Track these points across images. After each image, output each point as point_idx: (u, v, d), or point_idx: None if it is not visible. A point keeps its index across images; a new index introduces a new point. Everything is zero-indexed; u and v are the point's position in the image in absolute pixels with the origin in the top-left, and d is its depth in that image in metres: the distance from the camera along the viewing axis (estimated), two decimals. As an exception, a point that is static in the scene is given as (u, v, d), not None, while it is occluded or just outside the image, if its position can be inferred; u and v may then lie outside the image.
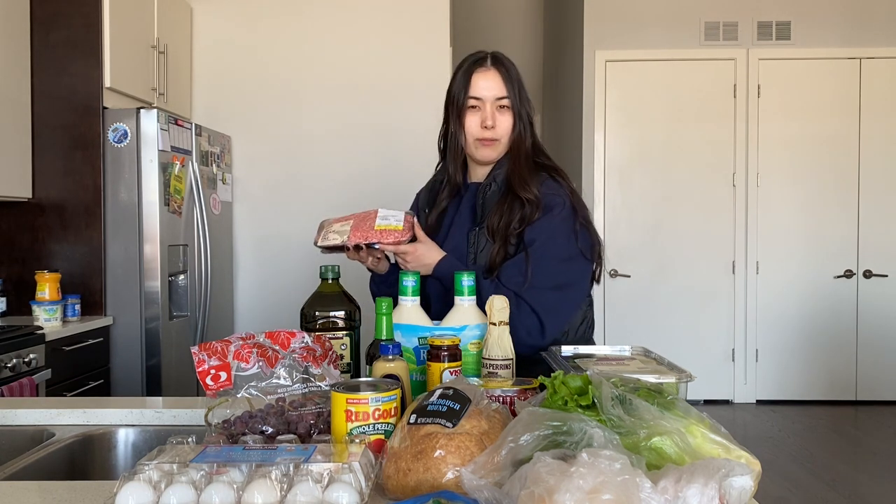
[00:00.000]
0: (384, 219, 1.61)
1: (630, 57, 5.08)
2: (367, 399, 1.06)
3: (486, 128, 1.64)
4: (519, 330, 1.49)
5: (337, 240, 1.59)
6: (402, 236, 1.58)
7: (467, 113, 1.66)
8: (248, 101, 4.21)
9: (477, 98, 1.65)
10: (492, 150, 1.67)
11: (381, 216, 1.62)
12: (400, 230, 1.59)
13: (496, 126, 1.64)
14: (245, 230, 4.24)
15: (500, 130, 1.65)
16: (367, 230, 1.59)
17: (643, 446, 0.88)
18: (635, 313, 5.02)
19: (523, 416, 0.93)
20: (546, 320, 1.53)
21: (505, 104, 1.65)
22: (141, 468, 0.89)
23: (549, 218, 1.59)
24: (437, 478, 0.93)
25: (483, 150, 1.68)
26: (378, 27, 4.20)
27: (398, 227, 1.59)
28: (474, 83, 1.65)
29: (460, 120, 1.67)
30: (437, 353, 1.31)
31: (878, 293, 5.07)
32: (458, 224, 1.70)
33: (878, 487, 3.64)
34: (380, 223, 1.60)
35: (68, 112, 3.25)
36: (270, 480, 0.86)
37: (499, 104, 1.65)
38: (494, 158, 1.69)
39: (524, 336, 1.50)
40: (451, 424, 0.97)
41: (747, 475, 0.79)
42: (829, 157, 5.08)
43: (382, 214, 1.63)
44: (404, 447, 0.97)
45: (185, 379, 3.43)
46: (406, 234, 1.59)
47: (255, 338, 1.24)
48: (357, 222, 1.62)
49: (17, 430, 1.47)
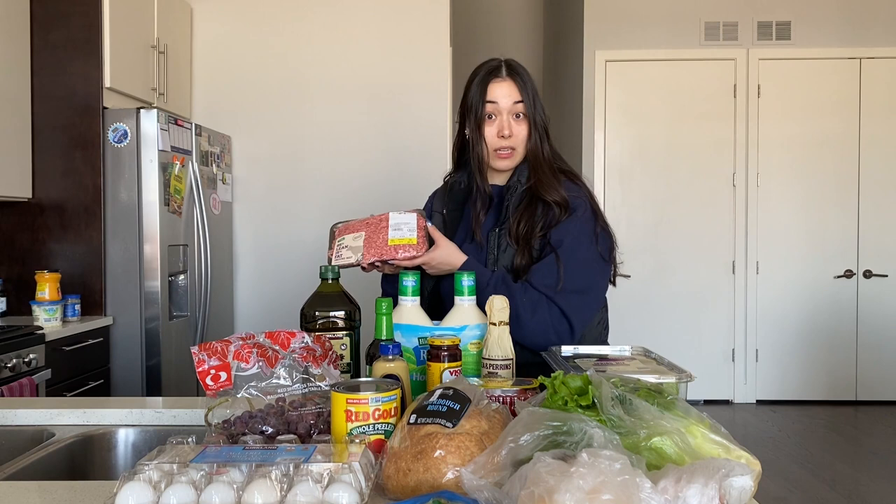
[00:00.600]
0: (397, 229, 1.59)
1: (630, 57, 5.08)
2: (367, 399, 1.06)
3: (502, 136, 1.64)
4: (549, 333, 1.49)
5: (351, 258, 1.58)
6: (417, 251, 1.56)
7: (486, 123, 1.66)
8: (248, 101, 4.21)
9: (493, 104, 1.64)
10: (509, 160, 1.67)
11: (392, 226, 1.60)
12: (414, 243, 1.57)
13: (513, 135, 1.64)
14: (245, 230, 4.24)
15: (516, 139, 1.65)
16: (381, 246, 1.57)
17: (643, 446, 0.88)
18: (635, 313, 5.02)
19: (523, 416, 0.93)
20: (575, 323, 1.54)
21: (521, 112, 1.65)
22: (141, 468, 0.89)
23: (574, 220, 1.59)
24: (437, 478, 0.93)
25: (500, 161, 1.68)
26: (378, 27, 4.20)
27: (412, 239, 1.57)
28: (490, 92, 1.65)
29: (479, 130, 1.66)
30: (437, 353, 1.31)
31: (878, 293, 5.08)
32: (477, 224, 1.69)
33: (878, 487, 3.63)
34: (393, 236, 1.58)
35: (68, 112, 3.25)
36: (270, 480, 0.86)
37: (514, 113, 1.64)
38: (511, 167, 1.70)
39: (554, 339, 1.50)
40: (451, 424, 0.97)
41: (747, 475, 0.79)
42: (829, 157, 5.08)
43: (394, 223, 1.61)
44: (404, 447, 0.97)
45: (185, 379, 3.43)
46: (422, 247, 1.57)
47: (255, 338, 1.24)
48: (369, 235, 1.60)
49: (17, 430, 1.47)
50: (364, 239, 1.60)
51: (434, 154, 4.14)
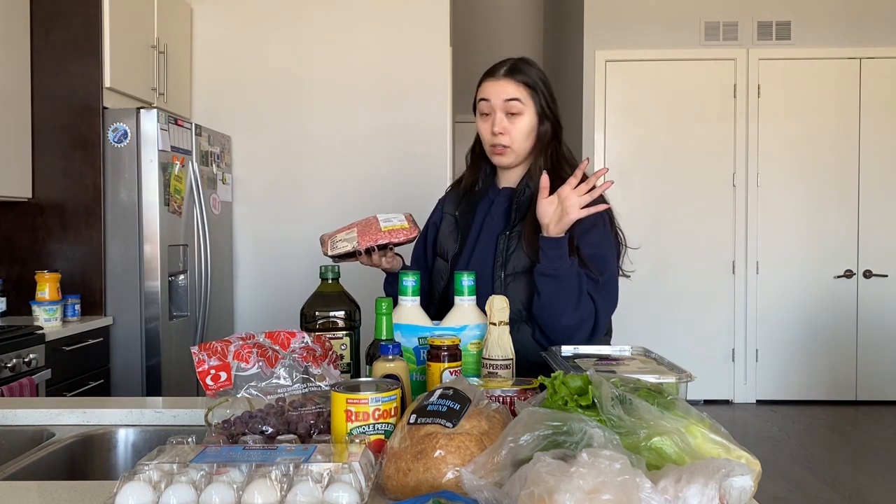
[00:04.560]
0: (387, 221, 1.63)
1: (630, 57, 5.08)
2: (367, 399, 1.06)
3: (493, 134, 1.64)
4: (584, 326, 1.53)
5: (347, 247, 1.61)
6: (410, 233, 1.61)
7: (480, 119, 1.67)
8: (248, 101, 4.21)
9: (486, 101, 1.64)
10: (504, 157, 1.66)
11: (382, 219, 1.64)
12: (407, 228, 1.62)
13: (505, 132, 1.63)
14: (245, 230, 4.24)
15: (509, 137, 1.64)
16: (375, 233, 1.61)
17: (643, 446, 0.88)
18: (635, 313, 5.01)
19: (523, 416, 0.93)
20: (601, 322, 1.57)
21: (514, 111, 1.62)
22: (141, 468, 0.89)
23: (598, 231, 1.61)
24: (437, 478, 0.93)
25: (496, 158, 1.68)
26: (378, 27, 4.20)
27: (403, 225, 1.62)
28: (484, 89, 1.65)
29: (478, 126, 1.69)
30: (437, 353, 1.31)
31: (878, 293, 5.07)
32: (488, 227, 1.69)
33: (878, 487, 3.63)
34: (385, 225, 1.62)
35: (68, 112, 3.25)
36: (270, 480, 0.86)
37: (508, 111, 1.63)
38: (509, 165, 1.69)
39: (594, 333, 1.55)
40: (451, 424, 0.97)
41: (747, 475, 0.79)
42: (829, 157, 5.08)
43: (383, 217, 1.65)
44: (404, 447, 0.97)
45: (185, 379, 3.43)
46: (413, 230, 1.62)
47: (255, 338, 1.24)
48: (361, 228, 1.63)
49: (17, 430, 1.46)
50: (357, 232, 1.63)
51: (434, 153, 4.14)
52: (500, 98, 1.63)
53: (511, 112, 1.63)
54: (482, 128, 1.67)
